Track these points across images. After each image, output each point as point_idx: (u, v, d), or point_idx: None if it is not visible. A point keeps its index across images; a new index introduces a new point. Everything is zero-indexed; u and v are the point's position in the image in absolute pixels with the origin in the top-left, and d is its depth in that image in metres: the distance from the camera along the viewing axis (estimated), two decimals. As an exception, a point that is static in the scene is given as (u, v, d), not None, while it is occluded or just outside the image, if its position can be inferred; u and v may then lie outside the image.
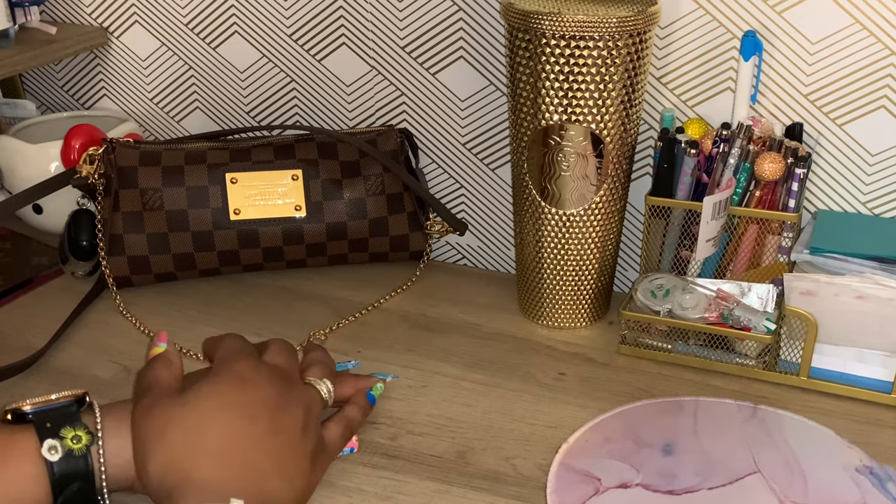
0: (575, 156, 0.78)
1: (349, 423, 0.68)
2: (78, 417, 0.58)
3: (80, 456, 0.57)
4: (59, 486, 0.56)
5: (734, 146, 0.77)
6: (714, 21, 0.81)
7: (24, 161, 0.99)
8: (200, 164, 0.90)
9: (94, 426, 0.58)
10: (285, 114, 1.02)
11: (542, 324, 0.87)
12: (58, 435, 0.57)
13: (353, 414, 0.69)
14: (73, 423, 0.57)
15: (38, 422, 0.57)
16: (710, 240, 0.78)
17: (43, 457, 0.56)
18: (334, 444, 0.66)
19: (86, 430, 0.57)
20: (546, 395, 0.77)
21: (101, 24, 1.07)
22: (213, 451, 0.57)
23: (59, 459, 0.56)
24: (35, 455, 0.56)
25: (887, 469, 0.65)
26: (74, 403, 0.59)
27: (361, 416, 0.70)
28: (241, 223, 0.90)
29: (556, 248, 0.83)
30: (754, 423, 0.71)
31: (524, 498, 0.65)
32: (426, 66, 0.94)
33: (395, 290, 0.92)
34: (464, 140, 0.96)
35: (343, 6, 0.94)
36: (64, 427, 0.57)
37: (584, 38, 0.73)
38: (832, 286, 0.73)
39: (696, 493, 0.64)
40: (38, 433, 0.56)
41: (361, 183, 0.91)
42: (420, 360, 0.81)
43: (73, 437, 0.57)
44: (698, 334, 0.80)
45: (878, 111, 0.79)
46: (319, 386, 0.67)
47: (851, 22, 0.77)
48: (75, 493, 0.57)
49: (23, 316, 0.89)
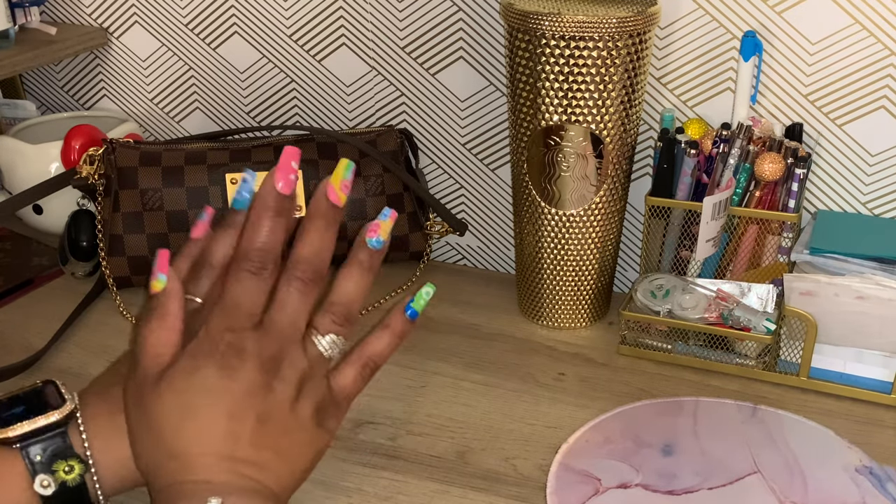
0: (575, 156, 0.78)
1: (367, 362, 0.59)
2: (69, 447, 0.55)
3: (74, 486, 0.55)
4: None
5: (734, 146, 0.77)
6: (714, 21, 0.81)
7: (24, 161, 0.99)
8: (200, 164, 0.90)
9: (83, 450, 0.55)
10: (285, 114, 1.02)
11: (542, 324, 0.87)
12: (49, 469, 0.54)
13: (375, 346, 0.60)
14: (64, 455, 0.55)
15: (25, 455, 0.54)
16: (710, 240, 0.78)
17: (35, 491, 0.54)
18: (346, 390, 0.58)
19: (78, 459, 0.55)
20: (546, 396, 0.77)
21: (101, 24, 1.07)
22: (198, 452, 0.53)
23: (52, 493, 0.54)
24: (27, 487, 0.54)
25: (887, 469, 0.65)
26: (63, 429, 0.55)
27: (391, 341, 0.60)
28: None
29: (556, 249, 0.83)
30: (754, 424, 0.71)
31: (524, 498, 0.65)
32: (426, 66, 0.94)
33: (395, 291, 0.92)
34: (464, 140, 0.96)
35: (343, 6, 0.94)
36: (56, 462, 0.55)
37: (583, 38, 0.73)
38: (832, 286, 0.73)
39: (695, 494, 0.64)
40: (29, 468, 0.54)
41: (361, 183, 0.91)
42: (420, 360, 0.81)
43: (65, 469, 0.55)
44: (698, 334, 0.80)
45: (878, 111, 0.79)
46: (319, 342, 0.57)
47: (851, 22, 0.77)
48: None
49: (23, 316, 0.89)
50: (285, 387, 0.55)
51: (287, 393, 0.55)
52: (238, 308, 0.55)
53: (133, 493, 0.65)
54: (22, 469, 0.55)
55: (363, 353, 0.60)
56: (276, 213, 0.55)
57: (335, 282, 0.59)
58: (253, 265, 0.55)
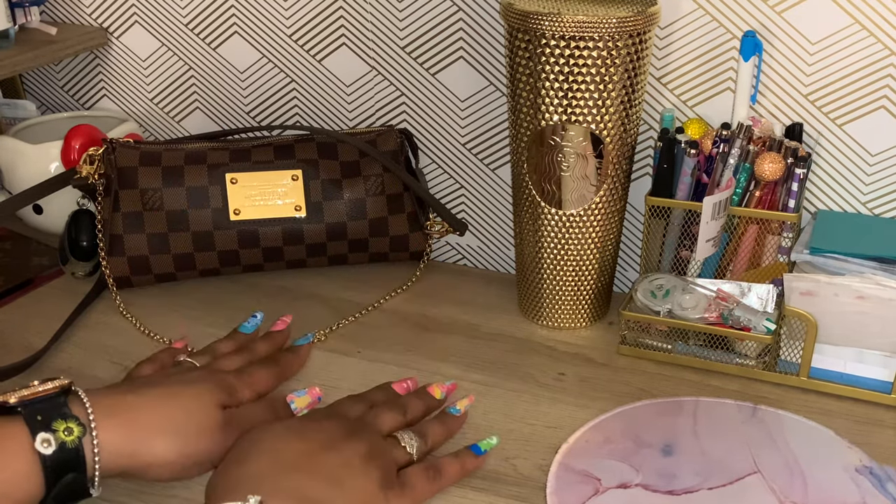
0: (575, 156, 0.78)
1: (437, 472, 0.65)
2: (68, 409, 0.58)
3: (73, 448, 0.57)
4: (53, 478, 0.57)
5: (734, 146, 0.77)
6: (714, 21, 0.81)
7: (25, 161, 0.99)
8: (200, 164, 0.90)
9: (86, 417, 0.59)
10: (285, 114, 1.02)
11: (542, 324, 0.87)
12: (50, 428, 0.57)
13: (447, 466, 0.66)
14: (63, 415, 0.57)
15: (27, 414, 0.57)
16: (710, 240, 0.78)
17: (36, 450, 0.56)
18: (413, 484, 0.63)
19: (77, 421, 0.58)
20: (546, 396, 0.76)
21: (102, 24, 1.07)
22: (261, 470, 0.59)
23: (52, 452, 0.56)
24: (28, 448, 0.56)
25: (887, 469, 0.65)
26: (62, 394, 0.59)
27: (459, 468, 0.66)
28: (241, 223, 0.90)
29: (556, 249, 0.83)
30: (754, 424, 0.71)
31: (524, 498, 0.65)
32: (426, 66, 0.94)
33: (395, 291, 0.92)
34: (464, 140, 0.96)
35: (343, 6, 0.94)
36: (55, 420, 0.57)
37: (583, 38, 0.73)
38: (832, 286, 0.73)
39: (695, 494, 0.64)
40: (30, 426, 0.56)
41: (361, 183, 0.91)
42: (420, 361, 0.81)
43: (65, 430, 0.57)
44: (698, 334, 0.80)
45: (878, 111, 0.79)
46: (403, 439, 0.65)
47: (851, 22, 0.77)
48: (69, 483, 0.57)
49: (23, 316, 0.89)
50: (358, 442, 0.62)
51: (359, 448, 0.62)
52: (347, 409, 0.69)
53: (133, 494, 0.65)
54: (23, 434, 0.56)
55: (434, 463, 0.66)
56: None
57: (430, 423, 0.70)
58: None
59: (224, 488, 0.57)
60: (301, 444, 0.61)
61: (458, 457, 0.67)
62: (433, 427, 0.69)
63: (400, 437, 0.66)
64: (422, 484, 0.63)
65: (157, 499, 0.65)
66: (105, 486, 0.61)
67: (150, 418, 0.62)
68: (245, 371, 0.72)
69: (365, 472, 0.60)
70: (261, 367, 0.74)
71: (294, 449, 0.60)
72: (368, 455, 0.61)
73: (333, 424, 0.64)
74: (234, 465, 0.59)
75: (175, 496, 0.65)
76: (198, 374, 0.70)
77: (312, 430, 0.63)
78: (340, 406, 0.69)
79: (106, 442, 0.59)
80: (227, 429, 0.64)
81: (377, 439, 0.64)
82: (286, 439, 0.61)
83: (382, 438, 0.65)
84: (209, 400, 0.65)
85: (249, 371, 0.72)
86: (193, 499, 0.64)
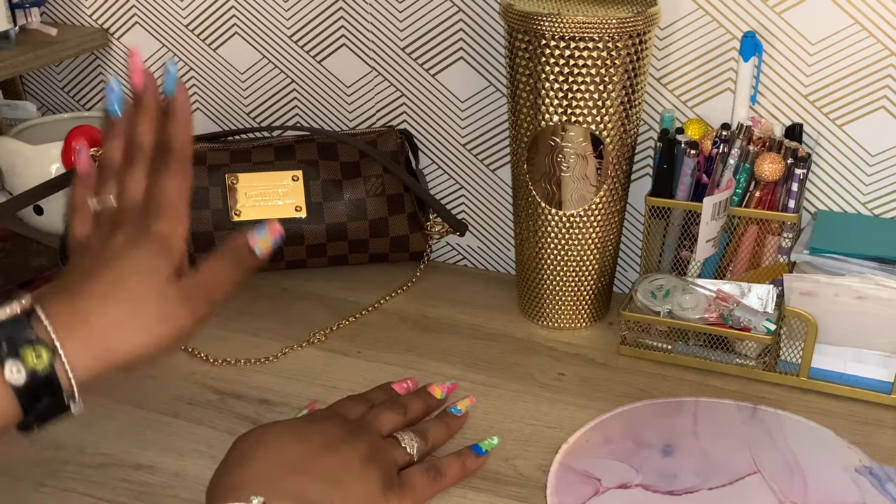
0: (575, 157, 0.78)
1: (438, 472, 0.65)
2: (33, 334, 0.54)
3: (45, 374, 0.54)
4: (28, 404, 0.54)
5: (734, 147, 0.77)
6: (714, 21, 0.81)
7: (25, 162, 0.99)
8: (201, 165, 0.90)
9: (49, 337, 0.55)
10: (285, 115, 1.02)
11: (542, 324, 0.87)
12: (17, 355, 0.53)
13: (448, 466, 0.66)
14: (30, 341, 0.54)
15: None
16: (710, 240, 0.78)
17: (6, 380, 0.53)
18: (414, 485, 0.63)
19: (44, 345, 0.54)
20: (546, 396, 0.76)
21: (102, 25, 1.07)
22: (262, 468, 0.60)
23: (24, 382, 0.53)
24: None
25: (887, 469, 0.65)
26: (24, 318, 0.55)
27: (460, 469, 0.67)
28: (242, 224, 0.90)
29: (556, 249, 0.83)
30: (754, 424, 0.71)
31: (524, 498, 0.65)
32: (426, 67, 0.94)
33: (395, 291, 0.92)
34: (464, 141, 0.96)
35: (343, 7, 0.94)
36: (22, 347, 0.54)
37: (583, 39, 0.73)
38: (832, 287, 0.73)
39: (695, 494, 0.64)
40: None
41: (361, 184, 0.91)
42: (420, 361, 0.81)
43: (33, 356, 0.54)
44: (698, 335, 0.80)
45: (878, 111, 0.79)
46: (403, 440, 0.66)
47: (851, 22, 0.77)
48: (47, 405, 0.55)
49: (23, 317, 0.89)
50: (359, 442, 0.63)
51: (360, 448, 0.62)
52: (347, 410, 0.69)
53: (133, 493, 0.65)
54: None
55: (434, 464, 0.66)
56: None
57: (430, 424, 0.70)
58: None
59: (225, 489, 0.57)
60: (302, 445, 0.61)
61: (459, 457, 0.67)
62: (434, 427, 0.69)
63: (400, 437, 0.66)
64: (422, 484, 0.64)
65: (157, 499, 0.65)
66: (105, 485, 0.60)
67: (105, 322, 0.57)
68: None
69: (365, 473, 0.61)
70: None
71: (295, 450, 0.61)
72: (369, 456, 0.62)
73: (334, 425, 0.64)
74: (235, 466, 0.60)
75: (175, 496, 0.65)
76: (126, 238, 0.62)
77: (313, 431, 0.63)
78: (341, 407, 0.69)
79: (75, 360, 0.55)
80: (187, 302, 0.59)
81: (377, 440, 0.65)
82: (287, 440, 0.61)
83: (383, 439, 0.65)
84: (157, 280, 0.59)
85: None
86: (194, 499, 0.65)
